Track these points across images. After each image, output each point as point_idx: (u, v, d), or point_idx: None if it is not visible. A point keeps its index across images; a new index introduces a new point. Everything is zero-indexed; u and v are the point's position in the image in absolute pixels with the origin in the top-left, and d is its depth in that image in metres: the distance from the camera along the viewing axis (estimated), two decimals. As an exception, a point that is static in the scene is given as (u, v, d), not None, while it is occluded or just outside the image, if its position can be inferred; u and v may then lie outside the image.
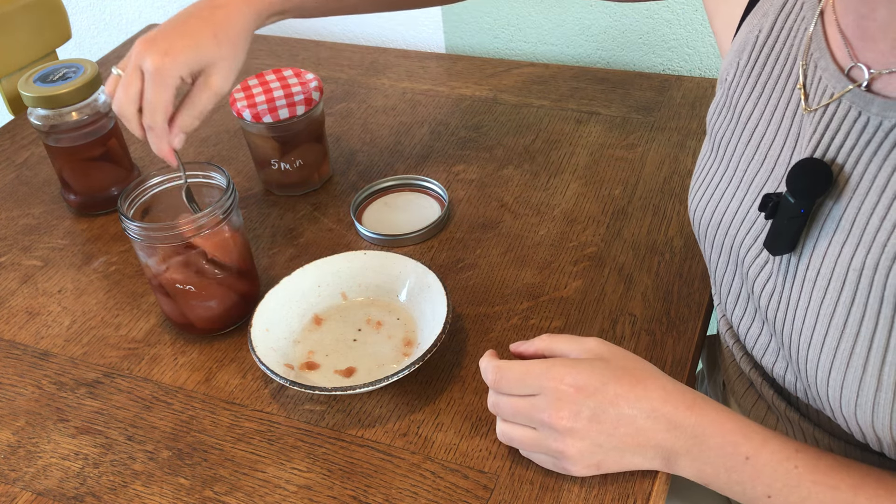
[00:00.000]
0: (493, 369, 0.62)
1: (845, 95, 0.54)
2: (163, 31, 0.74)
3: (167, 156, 0.76)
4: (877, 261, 0.51)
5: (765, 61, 0.62)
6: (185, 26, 0.74)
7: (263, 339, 0.74)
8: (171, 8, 1.44)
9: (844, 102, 0.54)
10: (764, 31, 0.62)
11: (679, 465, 0.60)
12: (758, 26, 0.62)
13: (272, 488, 0.66)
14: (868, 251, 0.52)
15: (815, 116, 0.56)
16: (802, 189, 0.54)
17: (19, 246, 0.94)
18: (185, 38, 0.73)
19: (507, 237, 0.87)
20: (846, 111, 0.54)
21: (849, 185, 0.53)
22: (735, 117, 0.64)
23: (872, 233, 0.52)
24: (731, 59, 0.64)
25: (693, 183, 0.69)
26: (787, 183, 0.55)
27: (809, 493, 0.55)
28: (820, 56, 0.57)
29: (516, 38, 1.22)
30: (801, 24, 0.59)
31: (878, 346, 0.52)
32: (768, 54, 0.61)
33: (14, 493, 0.68)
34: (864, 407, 0.53)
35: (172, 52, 0.72)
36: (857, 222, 0.53)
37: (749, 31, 0.63)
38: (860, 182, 0.53)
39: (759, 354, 0.64)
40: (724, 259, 0.65)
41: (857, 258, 0.52)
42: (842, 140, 0.54)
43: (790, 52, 0.60)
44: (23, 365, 0.79)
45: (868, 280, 0.52)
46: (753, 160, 0.61)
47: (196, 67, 0.74)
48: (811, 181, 0.54)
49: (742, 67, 0.63)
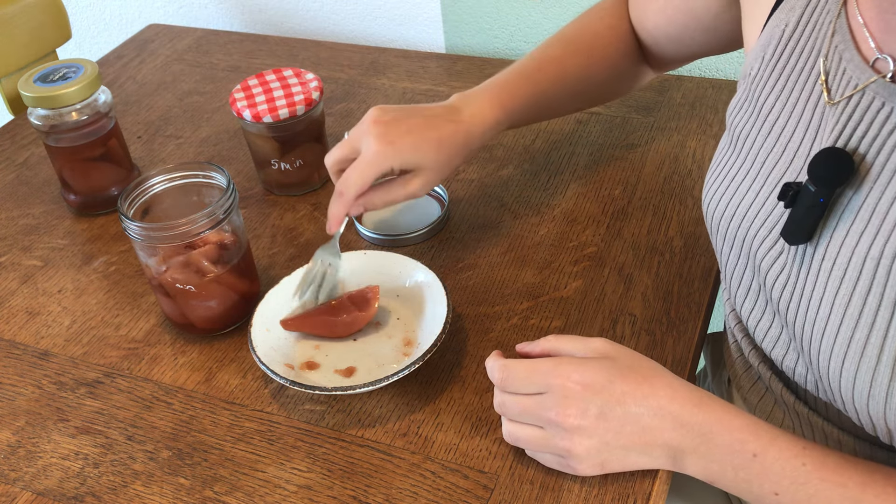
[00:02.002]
0: (499, 368, 0.63)
1: (870, 86, 0.55)
2: (398, 119, 0.76)
3: (336, 220, 0.78)
4: (895, 249, 0.52)
5: (790, 55, 0.62)
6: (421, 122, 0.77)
7: (263, 339, 0.74)
8: (171, 8, 1.44)
9: (868, 93, 0.55)
10: (790, 26, 0.62)
11: (686, 463, 0.60)
12: (784, 21, 0.63)
13: (272, 488, 0.66)
14: (887, 240, 0.52)
15: (838, 107, 0.56)
16: (824, 177, 0.55)
17: (19, 246, 0.94)
18: (413, 135, 0.76)
19: (507, 237, 0.87)
20: (870, 101, 0.54)
21: (870, 174, 0.54)
22: (756, 110, 0.64)
23: (892, 222, 0.52)
24: (756, 54, 0.65)
25: (708, 177, 0.69)
26: (809, 171, 0.55)
27: (817, 490, 0.55)
28: (845, 48, 0.57)
29: (516, 38, 1.22)
30: (826, 17, 0.60)
31: (893, 335, 0.52)
32: (794, 48, 0.62)
33: (14, 493, 0.68)
34: (877, 398, 0.53)
35: (396, 144, 0.75)
36: (876, 212, 0.53)
37: (775, 25, 0.63)
38: (882, 172, 0.53)
39: (769, 347, 0.64)
40: (735, 252, 0.65)
41: (876, 247, 0.53)
42: (864, 130, 0.54)
43: (815, 45, 0.60)
44: (23, 365, 0.79)
45: (886, 269, 0.52)
46: (773, 152, 0.62)
47: (409, 167, 0.76)
48: (833, 170, 0.55)
49: (767, 61, 0.63)
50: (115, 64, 1.26)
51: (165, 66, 1.24)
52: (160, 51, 1.28)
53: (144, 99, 1.17)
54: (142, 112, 1.14)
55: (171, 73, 1.22)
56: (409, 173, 0.77)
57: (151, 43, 1.31)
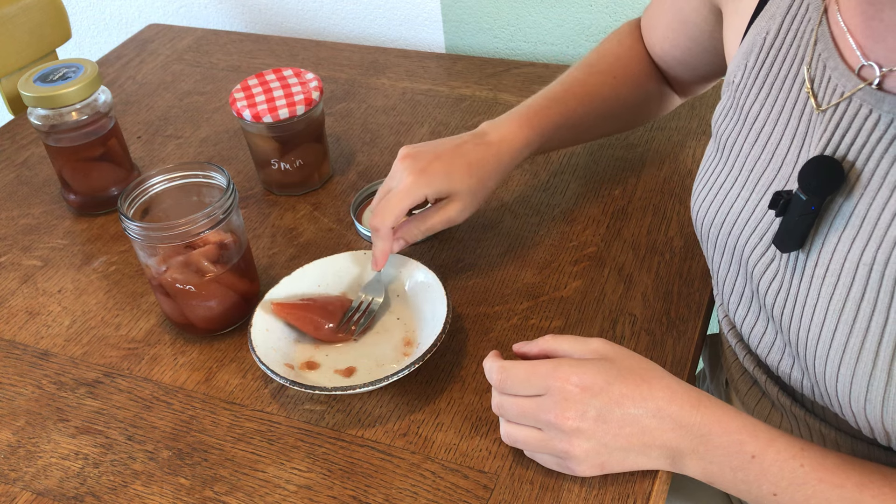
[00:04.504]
0: (497, 369, 0.62)
1: (856, 94, 0.55)
2: (426, 150, 0.77)
3: (382, 258, 0.77)
4: (888, 255, 0.52)
5: (772, 62, 0.62)
6: (450, 149, 0.77)
7: (263, 339, 0.74)
8: (171, 8, 1.44)
9: (855, 101, 0.55)
10: (771, 33, 0.62)
11: (685, 464, 0.60)
12: (765, 28, 0.63)
13: (272, 488, 0.66)
14: (879, 246, 0.52)
15: (825, 115, 0.56)
16: (815, 186, 0.55)
17: (19, 246, 0.94)
18: (443, 160, 0.75)
19: (507, 237, 0.87)
20: (857, 109, 0.54)
21: (860, 181, 0.54)
22: (742, 118, 0.64)
23: (884, 228, 0.52)
24: (739, 62, 0.65)
25: (696, 185, 0.69)
26: (800, 180, 0.55)
27: (815, 491, 0.56)
28: (828, 56, 0.57)
29: (516, 38, 1.22)
30: (807, 25, 0.60)
31: (888, 340, 0.52)
32: (776, 56, 0.62)
33: (14, 493, 0.68)
34: (874, 402, 0.53)
35: (426, 172, 0.74)
36: (868, 218, 0.53)
37: (757, 33, 0.63)
38: (872, 178, 0.53)
39: (764, 353, 0.64)
40: (727, 259, 0.65)
41: (868, 253, 0.53)
42: (853, 138, 0.54)
43: (797, 52, 0.60)
44: (23, 365, 0.79)
45: (879, 275, 0.52)
46: (760, 160, 0.62)
47: (442, 194, 0.76)
48: (823, 178, 0.55)
49: (750, 69, 0.63)
50: (115, 64, 1.26)
51: (165, 66, 1.24)
52: (160, 51, 1.28)
53: (144, 99, 1.17)
54: (142, 112, 1.14)
55: (170, 73, 1.22)
56: (444, 200, 0.77)
57: (151, 43, 1.31)
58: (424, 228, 0.77)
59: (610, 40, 0.89)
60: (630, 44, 0.87)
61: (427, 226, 0.77)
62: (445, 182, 0.75)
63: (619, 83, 0.85)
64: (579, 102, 0.83)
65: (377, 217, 0.75)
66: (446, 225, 0.77)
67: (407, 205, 0.75)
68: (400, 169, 0.76)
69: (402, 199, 0.74)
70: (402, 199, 0.74)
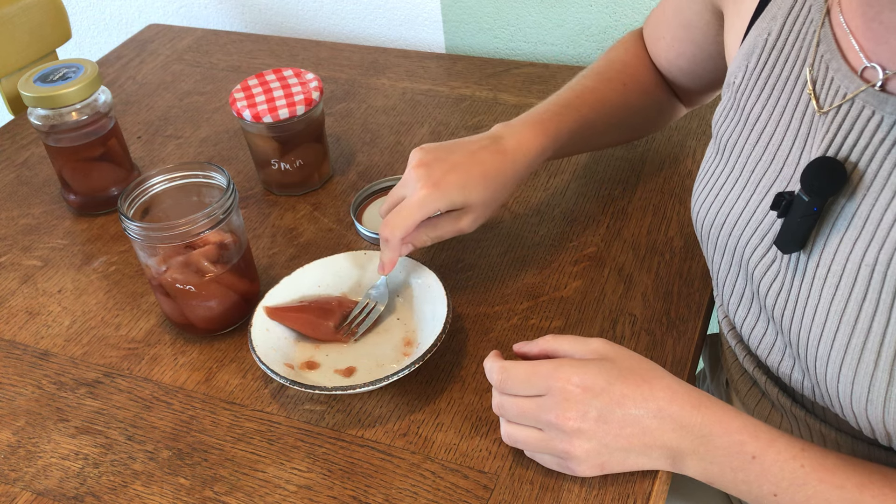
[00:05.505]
0: (498, 369, 0.62)
1: (859, 95, 0.55)
2: (440, 158, 0.74)
3: (389, 265, 0.75)
4: (890, 256, 0.52)
5: (774, 64, 0.62)
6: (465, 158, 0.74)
7: (263, 339, 0.74)
8: (171, 8, 1.44)
9: (858, 102, 0.55)
10: (773, 35, 0.62)
11: (685, 464, 0.60)
12: (766, 30, 0.63)
13: (272, 488, 0.66)
14: (881, 247, 0.53)
15: (827, 117, 0.56)
16: (817, 187, 0.55)
17: (19, 246, 0.94)
18: (458, 172, 0.73)
19: (507, 237, 0.87)
20: (860, 111, 0.54)
21: (863, 182, 0.54)
22: (743, 120, 0.64)
23: (886, 229, 0.52)
24: (740, 63, 0.65)
25: (697, 186, 0.69)
26: (802, 181, 0.55)
27: (815, 491, 0.56)
28: (831, 57, 0.57)
29: (516, 38, 1.22)
30: (809, 26, 0.60)
31: (889, 341, 0.52)
32: (777, 57, 0.62)
33: (14, 493, 0.68)
34: (875, 402, 0.53)
35: (440, 185, 0.72)
36: (870, 219, 0.53)
37: (758, 34, 0.63)
38: (874, 180, 0.53)
39: (765, 354, 0.64)
40: (727, 260, 0.65)
41: (870, 254, 0.53)
42: (855, 139, 0.54)
43: (799, 54, 0.60)
44: (23, 365, 0.79)
45: (881, 275, 0.52)
46: (761, 161, 0.62)
47: (457, 206, 0.74)
48: (826, 179, 0.55)
49: (751, 70, 0.63)
50: (115, 64, 1.26)
51: (165, 66, 1.24)
52: (160, 51, 1.28)
53: (144, 99, 1.17)
54: (142, 112, 1.14)
55: (170, 73, 1.22)
56: (457, 210, 0.75)
57: (151, 43, 1.31)
58: (434, 236, 0.76)
59: (616, 49, 0.89)
60: (636, 52, 0.87)
61: (437, 234, 0.76)
62: (460, 195, 0.73)
63: (629, 90, 0.85)
64: (591, 109, 0.82)
65: (388, 228, 0.73)
66: (456, 234, 0.76)
67: (419, 218, 0.73)
68: (413, 178, 0.73)
69: (415, 212, 0.72)
70: (413, 213, 0.72)
